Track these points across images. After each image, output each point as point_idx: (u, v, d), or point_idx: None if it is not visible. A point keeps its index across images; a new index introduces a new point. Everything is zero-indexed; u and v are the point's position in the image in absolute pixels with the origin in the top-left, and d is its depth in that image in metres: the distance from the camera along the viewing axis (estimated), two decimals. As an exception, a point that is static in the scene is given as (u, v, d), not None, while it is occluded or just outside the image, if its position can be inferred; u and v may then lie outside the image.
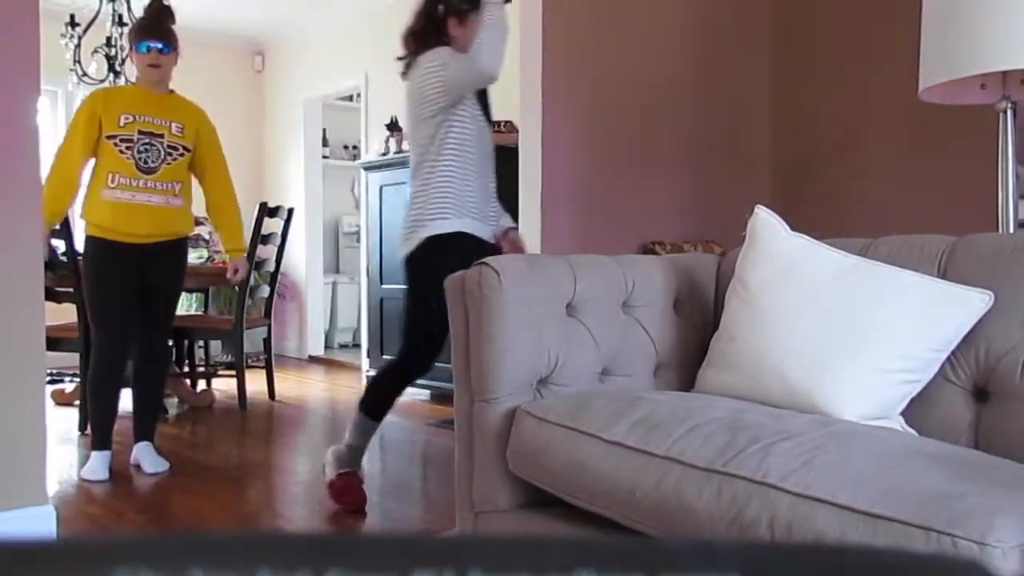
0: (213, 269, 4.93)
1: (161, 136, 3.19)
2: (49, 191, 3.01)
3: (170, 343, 4.01)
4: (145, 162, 3.15)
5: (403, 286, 2.79)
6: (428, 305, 2.54)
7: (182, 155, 3.24)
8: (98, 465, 3.24)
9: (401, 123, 5.61)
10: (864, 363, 1.50)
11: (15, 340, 2.40)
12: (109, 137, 3.13)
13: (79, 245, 4.28)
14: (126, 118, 3.15)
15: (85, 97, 3.27)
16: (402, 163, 5.31)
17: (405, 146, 5.36)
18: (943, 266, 1.61)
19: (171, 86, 3.34)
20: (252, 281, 4.88)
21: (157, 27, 3.23)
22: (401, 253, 2.73)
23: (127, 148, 3.13)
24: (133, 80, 3.35)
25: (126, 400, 4.28)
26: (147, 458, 3.36)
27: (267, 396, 5.14)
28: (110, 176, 3.13)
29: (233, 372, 4.92)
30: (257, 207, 4.88)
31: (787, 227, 1.75)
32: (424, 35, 2.74)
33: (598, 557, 0.23)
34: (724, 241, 3.72)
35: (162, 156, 3.18)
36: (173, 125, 3.22)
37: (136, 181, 3.13)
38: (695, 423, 1.39)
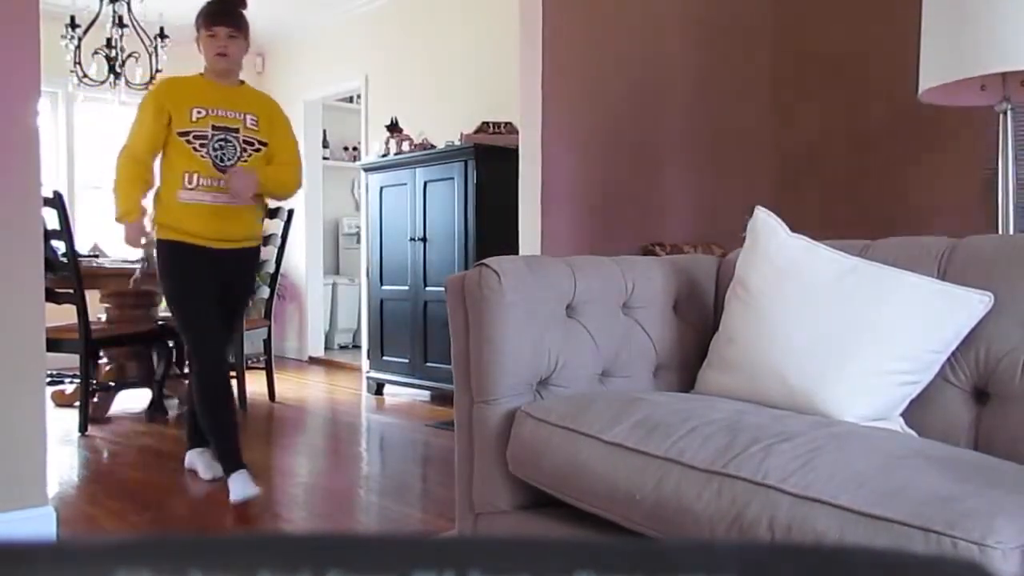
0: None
1: (236, 131, 2.89)
2: (122, 190, 2.89)
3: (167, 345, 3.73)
4: (222, 160, 2.85)
5: (404, 287, 2.79)
6: None
7: (258, 150, 2.94)
8: (240, 484, 2.81)
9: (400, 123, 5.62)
10: (864, 364, 1.50)
11: (15, 341, 2.41)
12: (182, 134, 2.84)
13: (80, 246, 4.28)
14: (198, 112, 2.85)
15: (149, 90, 3.04)
16: (402, 164, 5.31)
17: (405, 147, 5.37)
18: (943, 267, 1.61)
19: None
20: (252, 282, 4.88)
21: (227, 11, 2.90)
22: None
23: (202, 145, 2.84)
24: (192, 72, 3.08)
25: (124, 400, 4.30)
26: (236, 484, 2.85)
27: (267, 397, 5.14)
28: (187, 176, 2.84)
29: (233, 373, 4.90)
30: (257, 208, 4.88)
31: (787, 228, 1.75)
32: None
33: (598, 558, 0.23)
34: (724, 242, 3.72)
35: (238, 152, 2.88)
36: (248, 118, 2.91)
37: (215, 181, 2.85)
38: (695, 424, 1.39)
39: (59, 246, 4.00)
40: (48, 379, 4.26)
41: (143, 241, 2.93)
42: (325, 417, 4.87)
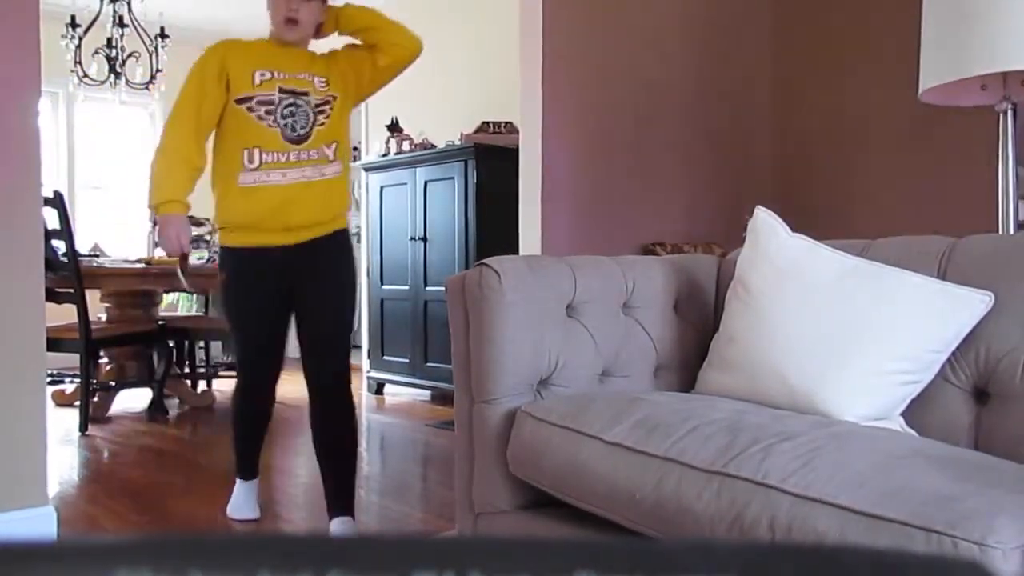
0: (213, 270, 4.92)
1: (306, 94, 2.37)
2: (162, 172, 2.34)
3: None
4: (293, 129, 2.33)
5: (404, 287, 2.78)
6: None
7: (332, 108, 2.41)
8: (243, 499, 2.73)
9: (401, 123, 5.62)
10: (864, 364, 1.50)
11: (15, 340, 2.41)
12: (242, 100, 2.32)
13: (80, 246, 4.28)
14: (262, 75, 2.35)
15: (203, 52, 2.44)
16: (402, 164, 5.31)
17: (405, 147, 5.37)
18: (943, 267, 1.61)
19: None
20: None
21: None
22: None
23: (268, 112, 2.33)
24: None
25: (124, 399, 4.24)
26: None
27: (267, 397, 5.14)
28: (248, 155, 2.31)
29: (233, 373, 4.91)
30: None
31: (787, 228, 1.75)
32: None
33: (598, 558, 0.23)
34: (724, 242, 3.72)
35: (310, 119, 2.36)
36: (316, 80, 2.40)
37: (285, 155, 2.32)
38: (695, 424, 1.39)
39: (59, 246, 4.00)
40: (48, 379, 4.26)
41: (184, 248, 2.42)
42: (325, 417, 4.87)
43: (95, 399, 4.45)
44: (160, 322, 4.79)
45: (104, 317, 4.75)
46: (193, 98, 2.35)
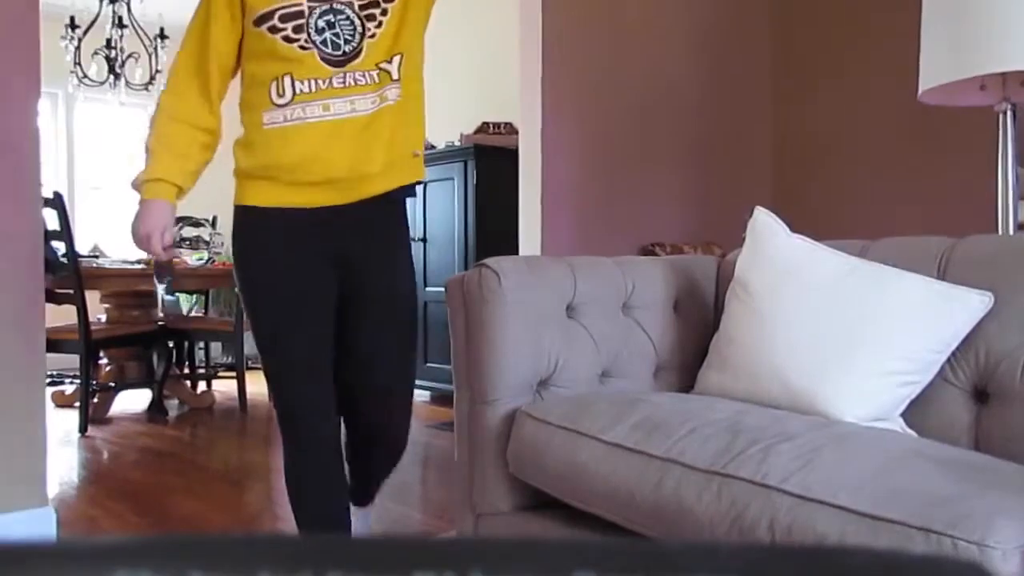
0: (213, 270, 4.92)
1: None
2: (156, 138, 1.74)
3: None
4: (335, 45, 1.70)
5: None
6: None
7: (385, 13, 1.73)
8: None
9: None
10: (864, 365, 1.50)
11: (15, 341, 2.41)
12: (260, 20, 1.69)
13: (80, 247, 4.28)
14: None
15: None
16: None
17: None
18: (943, 267, 1.61)
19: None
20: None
21: None
22: None
23: (296, 31, 1.69)
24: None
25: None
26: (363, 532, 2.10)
27: (267, 398, 5.14)
28: (277, 85, 1.69)
29: (233, 374, 4.92)
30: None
31: (787, 229, 1.75)
32: None
33: (598, 559, 0.23)
34: (724, 243, 3.72)
35: (358, 28, 1.71)
36: None
37: (326, 81, 1.70)
38: (695, 425, 1.39)
39: (59, 247, 4.00)
40: (48, 379, 4.27)
41: (156, 253, 1.76)
42: (325, 417, 4.87)
43: (95, 400, 4.45)
44: (160, 323, 4.79)
45: (104, 318, 4.75)
46: (197, 38, 1.75)
